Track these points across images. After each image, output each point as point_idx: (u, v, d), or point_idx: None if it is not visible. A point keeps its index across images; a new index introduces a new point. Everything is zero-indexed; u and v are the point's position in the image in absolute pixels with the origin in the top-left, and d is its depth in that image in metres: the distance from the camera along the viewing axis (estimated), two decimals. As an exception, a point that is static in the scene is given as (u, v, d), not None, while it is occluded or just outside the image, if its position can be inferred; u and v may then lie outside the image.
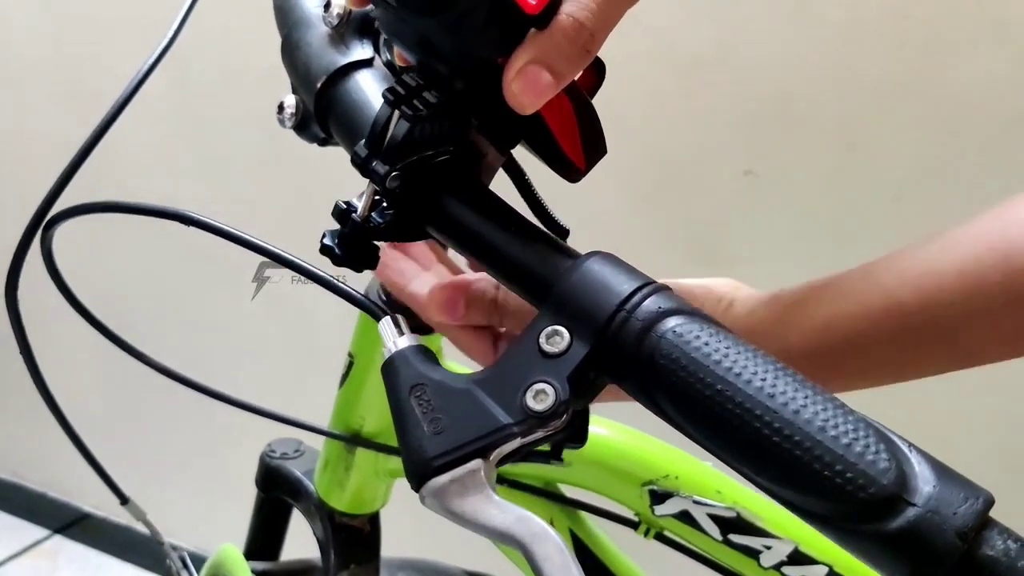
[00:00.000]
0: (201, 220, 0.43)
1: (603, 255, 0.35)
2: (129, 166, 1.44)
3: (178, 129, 1.45)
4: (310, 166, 1.30)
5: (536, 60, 0.35)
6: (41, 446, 1.79)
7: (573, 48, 0.35)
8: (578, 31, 0.35)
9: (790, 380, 0.31)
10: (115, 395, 1.72)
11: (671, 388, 0.32)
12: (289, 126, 0.49)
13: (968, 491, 0.29)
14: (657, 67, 1.09)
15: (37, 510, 1.93)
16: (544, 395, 0.33)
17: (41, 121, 1.59)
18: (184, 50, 0.47)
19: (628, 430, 0.69)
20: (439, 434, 0.33)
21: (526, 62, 0.35)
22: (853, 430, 0.30)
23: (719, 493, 0.65)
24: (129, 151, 1.45)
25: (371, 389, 0.69)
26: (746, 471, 0.32)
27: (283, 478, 0.80)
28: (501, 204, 0.39)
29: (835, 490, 0.29)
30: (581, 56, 0.36)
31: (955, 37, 0.96)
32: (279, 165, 1.38)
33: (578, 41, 0.35)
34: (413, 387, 0.35)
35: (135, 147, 1.46)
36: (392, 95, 0.38)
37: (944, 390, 1.08)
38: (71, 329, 0.83)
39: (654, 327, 0.32)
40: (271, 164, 1.39)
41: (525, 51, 0.35)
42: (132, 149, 1.46)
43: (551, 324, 0.34)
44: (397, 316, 0.37)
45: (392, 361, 0.36)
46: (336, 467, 0.73)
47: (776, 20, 1.02)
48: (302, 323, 1.47)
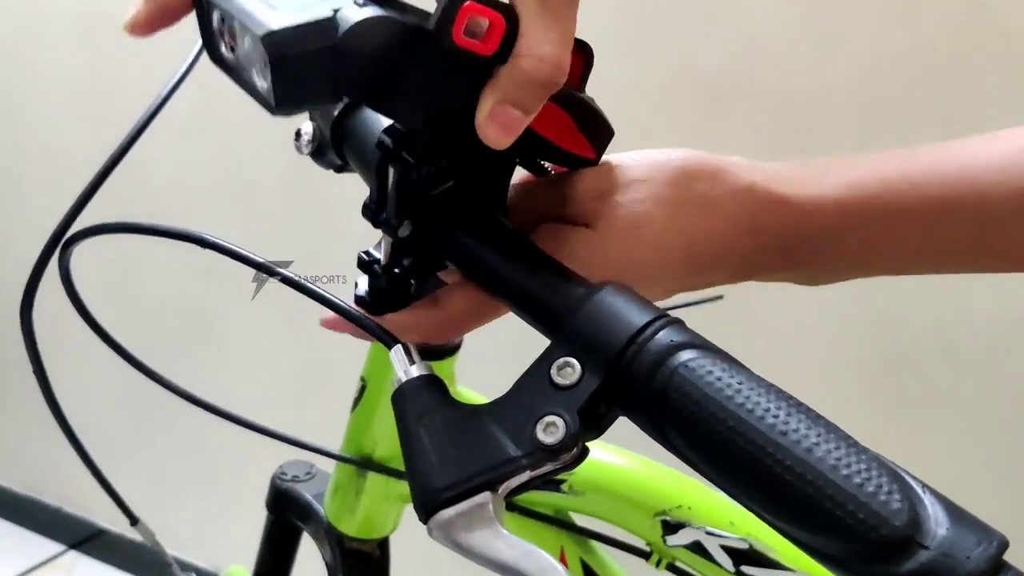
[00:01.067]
0: (217, 243, 0.43)
1: (616, 286, 0.35)
2: (150, 187, 1.45)
3: (200, 152, 1.47)
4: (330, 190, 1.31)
5: (503, 100, 0.35)
6: (57, 461, 1.79)
7: (537, 83, 0.35)
8: (537, 68, 0.35)
9: (803, 417, 0.31)
10: (129, 414, 1.72)
11: (682, 423, 0.31)
12: (306, 153, 0.50)
13: (981, 534, 0.28)
14: (681, 94, 1.09)
15: (52, 525, 1.94)
16: (554, 428, 0.32)
17: (70, 139, 1.61)
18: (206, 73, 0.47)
19: (641, 459, 0.68)
20: (448, 465, 0.33)
21: (493, 104, 0.35)
22: (866, 469, 0.29)
23: (732, 524, 0.65)
24: (150, 172, 1.47)
25: (383, 414, 0.68)
26: (756, 508, 0.31)
27: (293, 501, 0.80)
28: (512, 235, 0.40)
29: (846, 530, 0.29)
30: (548, 87, 0.36)
31: (980, 69, 0.96)
32: (299, 188, 1.39)
33: (540, 76, 0.35)
34: (422, 417, 0.35)
35: (156, 168, 1.47)
36: (381, 150, 0.38)
37: (957, 432, 1.07)
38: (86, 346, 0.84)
39: (666, 360, 0.32)
40: (291, 187, 1.40)
41: (491, 93, 0.35)
42: (153, 170, 1.47)
43: (563, 355, 0.34)
44: (408, 345, 0.37)
45: (402, 390, 0.36)
46: (347, 491, 0.73)
47: (802, 50, 1.02)
48: (316, 346, 1.47)
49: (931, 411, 1.09)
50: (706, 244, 0.43)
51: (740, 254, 0.43)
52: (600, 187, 0.42)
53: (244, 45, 0.34)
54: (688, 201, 0.42)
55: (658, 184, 0.42)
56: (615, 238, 0.41)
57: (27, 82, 1.64)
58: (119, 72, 1.50)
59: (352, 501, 0.73)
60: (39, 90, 1.63)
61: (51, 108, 1.63)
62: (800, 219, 0.43)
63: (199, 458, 1.70)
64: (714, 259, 0.43)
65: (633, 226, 0.42)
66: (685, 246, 0.42)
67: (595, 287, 0.35)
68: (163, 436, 1.71)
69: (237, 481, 1.58)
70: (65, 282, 0.52)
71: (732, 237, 0.43)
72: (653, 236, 0.42)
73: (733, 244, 0.43)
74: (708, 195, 0.42)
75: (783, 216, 0.43)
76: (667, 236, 0.42)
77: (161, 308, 1.63)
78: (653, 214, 0.42)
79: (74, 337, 0.80)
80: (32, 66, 1.62)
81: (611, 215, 0.42)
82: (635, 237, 0.42)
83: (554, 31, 0.35)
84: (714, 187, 0.43)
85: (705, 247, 0.43)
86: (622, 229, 0.41)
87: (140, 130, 0.50)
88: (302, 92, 0.33)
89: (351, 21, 0.33)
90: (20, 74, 1.65)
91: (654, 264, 0.42)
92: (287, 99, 0.33)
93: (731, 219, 0.42)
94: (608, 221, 0.42)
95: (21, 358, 0.54)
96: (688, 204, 0.42)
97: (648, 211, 0.42)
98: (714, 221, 0.42)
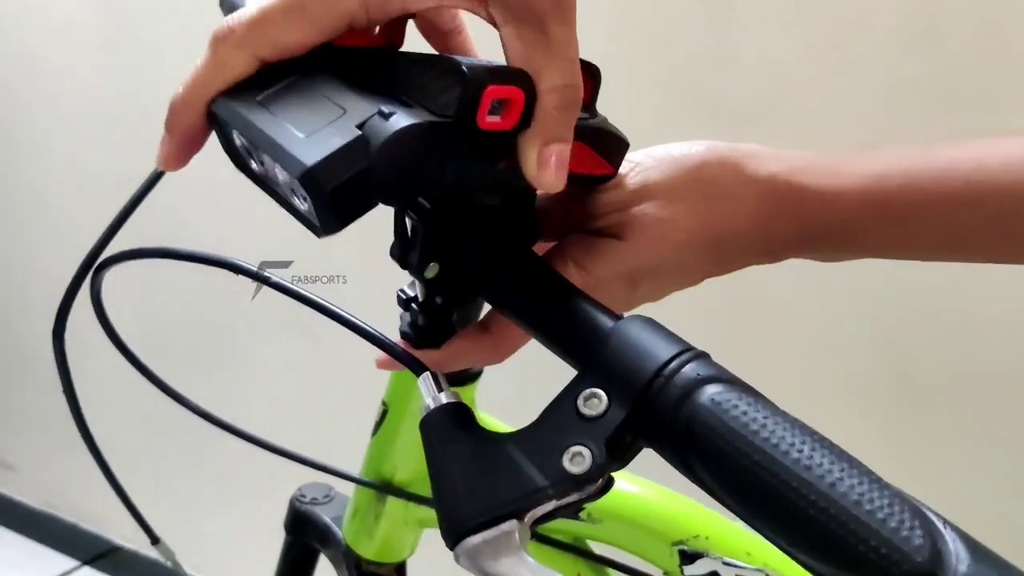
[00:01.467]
0: (251, 270, 0.44)
1: (643, 319, 0.35)
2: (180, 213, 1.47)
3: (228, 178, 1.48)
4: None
5: (545, 142, 0.36)
6: (74, 478, 1.81)
7: (565, 111, 0.36)
8: (561, 98, 0.36)
9: (827, 452, 0.31)
10: (151, 434, 1.73)
11: (707, 456, 0.32)
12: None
13: (1003, 571, 0.29)
14: (701, 121, 1.10)
15: (67, 541, 1.95)
16: (581, 458, 0.33)
17: (98, 163, 1.63)
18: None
19: (659, 488, 0.68)
20: (475, 493, 0.33)
21: (538, 150, 0.36)
22: (888, 504, 0.30)
23: (749, 555, 0.65)
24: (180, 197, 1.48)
25: (404, 438, 0.69)
26: (780, 541, 0.32)
27: (312, 523, 0.80)
28: (540, 267, 0.40)
29: (868, 566, 0.29)
30: (574, 110, 0.37)
31: (999, 95, 0.96)
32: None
33: (566, 103, 0.36)
34: (451, 445, 0.35)
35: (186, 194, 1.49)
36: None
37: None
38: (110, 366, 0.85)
39: (692, 394, 0.32)
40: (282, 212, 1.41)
41: (531, 142, 0.36)
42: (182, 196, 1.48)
43: (589, 387, 0.34)
44: (437, 372, 0.38)
45: (431, 418, 0.36)
46: (366, 515, 0.73)
47: (823, 76, 1.03)
48: (338, 369, 1.48)
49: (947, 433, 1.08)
50: (730, 238, 0.44)
51: (762, 243, 0.45)
52: (621, 199, 0.44)
53: (276, 171, 0.34)
54: (709, 198, 0.44)
55: (678, 186, 0.44)
56: (642, 246, 0.43)
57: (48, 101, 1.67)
58: (144, 92, 1.52)
59: (371, 525, 0.73)
60: (61, 110, 1.65)
61: (75, 127, 1.65)
62: (821, 209, 0.44)
63: (218, 478, 1.70)
64: (737, 250, 0.45)
65: (659, 233, 0.43)
66: (709, 242, 0.44)
67: (622, 318, 0.36)
68: (182, 456, 1.72)
69: (255, 502, 1.58)
70: (96, 306, 0.53)
71: (754, 228, 0.44)
72: (678, 238, 0.43)
73: (755, 235, 0.44)
74: (729, 191, 0.44)
75: (804, 207, 0.44)
76: (692, 236, 0.44)
77: (180, 328, 1.64)
78: (677, 219, 0.43)
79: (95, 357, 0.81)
80: (57, 85, 1.64)
81: (636, 224, 0.43)
82: (661, 242, 0.43)
83: (561, 57, 0.36)
84: (735, 182, 0.44)
85: (729, 240, 0.44)
86: (648, 237, 0.43)
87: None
88: (345, 214, 0.34)
89: (381, 138, 0.33)
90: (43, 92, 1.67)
91: (680, 263, 0.44)
92: (332, 224, 0.34)
93: (752, 212, 0.44)
94: (633, 231, 0.43)
95: (40, 376, 0.55)
96: (710, 201, 0.44)
97: (671, 217, 0.43)
98: (736, 215, 0.44)
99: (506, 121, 0.36)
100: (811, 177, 0.44)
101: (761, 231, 0.44)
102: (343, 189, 0.33)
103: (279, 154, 0.33)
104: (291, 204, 0.36)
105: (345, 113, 0.34)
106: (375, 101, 0.34)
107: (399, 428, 0.69)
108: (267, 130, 0.34)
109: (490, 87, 0.34)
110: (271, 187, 0.37)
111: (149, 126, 1.46)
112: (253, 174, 0.37)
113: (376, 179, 0.33)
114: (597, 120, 0.43)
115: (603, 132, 0.43)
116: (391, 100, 0.35)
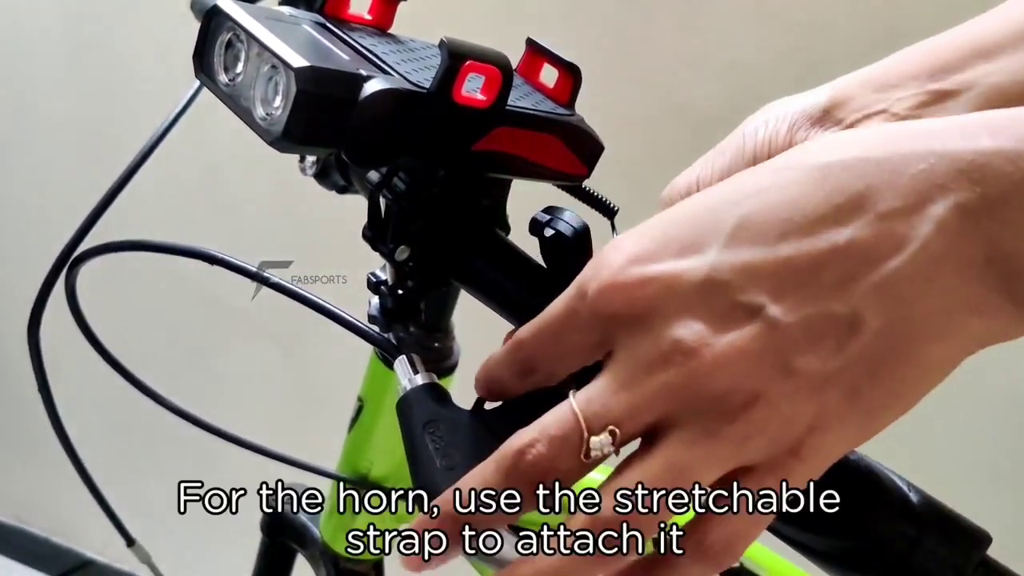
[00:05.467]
0: (224, 259, 0.44)
1: None
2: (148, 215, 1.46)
3: (196, 179, 1.48)
4: (326, 214, 1.32)
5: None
6: (45, 491, 1.79)
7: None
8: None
9: None
10: (121, 438, 1.72)
11: None
12: (310, 174, 0.51)
13: (967, 530, 0.30)
14: (668, 126, 1.11)
15: (39, 555, 1.92)
16: None
17: (65, 173, 1.62)
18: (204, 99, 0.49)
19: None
20: (452, 470, 0.34)
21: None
22: None
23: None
24: (148, 200, 1.47)
25: (380, 433, 0.69)
26: None
27: (288, 524, 0.80)
28: (510, 249, 0.41)
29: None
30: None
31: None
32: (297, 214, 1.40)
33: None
34: (427, 424, 0.36)
35: (154, 196, 1.48)
36: (370, 183, 0.40)
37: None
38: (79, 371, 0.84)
39: None
40: (288, 214, 1.41)
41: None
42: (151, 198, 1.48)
43: None
44: (412, 355, 0.39)
45: (407, 398, 0.37)
46: (343, 513, 0.73)
47: (790, 81, 1.04)
48: (312, 366, 1.47)
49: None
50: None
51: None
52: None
53: (256, 72, 0.35)
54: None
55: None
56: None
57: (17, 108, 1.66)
58: (111, 98, 1.51)
59: (348, 522, 0.73)
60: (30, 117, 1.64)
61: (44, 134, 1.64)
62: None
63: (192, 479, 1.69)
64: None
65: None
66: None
67: None
68: (155, 458, 1.71)
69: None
70: (71, 302, 0.53)
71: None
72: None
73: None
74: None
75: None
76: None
77: (152, 331, 1.63)
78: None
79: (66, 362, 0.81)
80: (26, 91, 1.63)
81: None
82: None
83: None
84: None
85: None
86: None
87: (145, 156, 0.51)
88: (310, 131, 0.34)
89: (376, 88, 0.34)
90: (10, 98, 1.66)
91: None
92: (294, 133, 0.34)
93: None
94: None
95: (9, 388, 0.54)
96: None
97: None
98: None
99: (482, 98, 0.36)
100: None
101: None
102: (322, 104, 0.33)
103: (281, 51, 0.33)
104: (248, 110, 0.36)
105: (348, 60, 0.35)
106: (357, 63, 0.36)
107: (375, 423, 0.69)
108: (274, 33, 0.34)
109: (469, 61, 0.35)
110: (230, 96, 0.37)
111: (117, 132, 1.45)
112: (213, 81, 0.38)
113: (351, 121, 0.34)
114: (575, 118, 0.44)
115: (579, 131, 0.43)
116: (372, 66, 0.36)
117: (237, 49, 0.36)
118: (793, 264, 0.28)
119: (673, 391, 0.29)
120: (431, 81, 0.35)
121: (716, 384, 0.28)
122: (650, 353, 0.29)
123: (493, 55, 0.36)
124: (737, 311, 0.28)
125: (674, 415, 0.29)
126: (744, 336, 0.28)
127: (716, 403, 0.28)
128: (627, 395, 0.29)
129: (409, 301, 0.43)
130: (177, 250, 0.47)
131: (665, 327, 0.29)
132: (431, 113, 0.36)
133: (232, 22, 0.36)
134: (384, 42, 0.39)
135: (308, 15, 0.39)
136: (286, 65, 0.33)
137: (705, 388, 0.28)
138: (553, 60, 0.44)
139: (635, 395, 0.29)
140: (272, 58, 0.34)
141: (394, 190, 0.40)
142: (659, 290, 0.29)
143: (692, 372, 0.28)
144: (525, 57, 0.45)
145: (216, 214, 1.48)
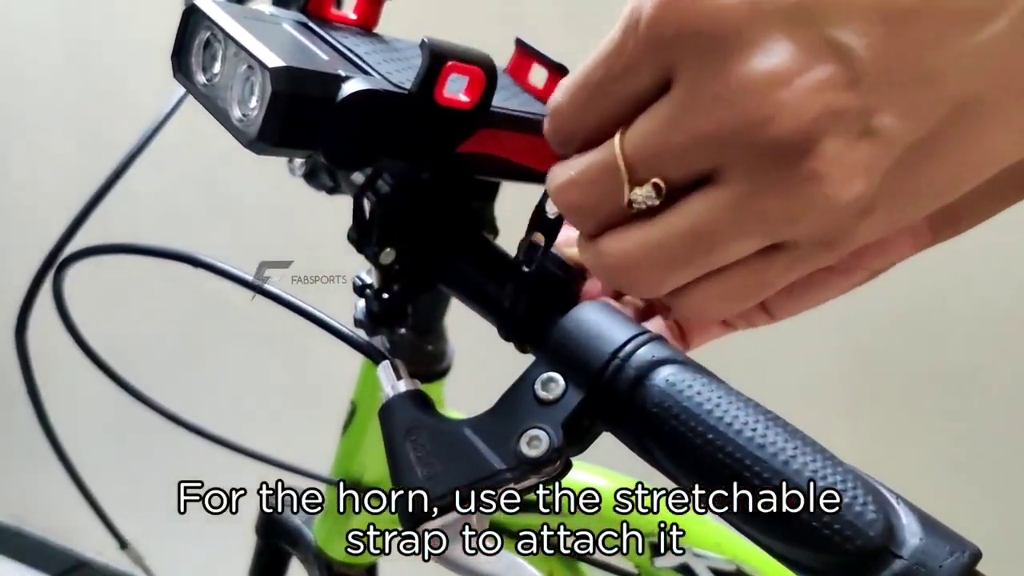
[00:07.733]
0: (209, 263, 0.44)
1: (598, 303, 0.36)
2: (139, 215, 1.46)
3: (196, 179, 1.48)
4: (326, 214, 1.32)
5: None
6: (42, 491, 1.79)
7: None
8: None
9: (780, 431, 0.31)
10: (114, 440, 1.72)
11: (663, 436, 0.32)
12: (299, 175, 0.51)
13: (954, 544, 0.29)
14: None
15: (36, 556, 1.92)
16: (538, 441, 0.33)
17: (56, 171, 1.62)
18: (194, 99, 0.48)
19: (629, 480, 0.68)
20: (433, 479, 0.33)
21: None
22: (842, 481, 0.30)
23: (718, 545, 0.65)
24: (139, 200, 1.47)
25: (373, 437, 0.69)
26: (735, 521, 0.32)
27: (282, 526, 0.80)
28: (495, 252, 0.40)
29: (823, 541, 0.29)
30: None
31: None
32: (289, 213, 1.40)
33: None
34: (409, 431, 0.35)
35: (145, 196, 1.48)
36: (354, 185, 0.40)
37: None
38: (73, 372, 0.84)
39: (647, 375, 0.33)
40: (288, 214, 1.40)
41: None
42: (142, 198, 1.48)
43: (546, 371, 0.34)
44: (396, 361, 0.38)
45: (389, 405, 0.37)
46: (336, 516, 0.73)
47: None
48: (305, 370, 1.47)
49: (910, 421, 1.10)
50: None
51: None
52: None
53: (233, 73, 0.35)
54: None
55: None
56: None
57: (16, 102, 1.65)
58: (105, 94, 1.51)
59: (342, 525, 0.73)
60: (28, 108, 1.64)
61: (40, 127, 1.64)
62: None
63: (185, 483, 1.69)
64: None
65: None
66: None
67: (578, 304, 0.36)
68: (149, 461, 1.71)
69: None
70: (59, 304, 0.52)
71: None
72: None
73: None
74: None
75: None
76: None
77: (144, 334, 1.63)
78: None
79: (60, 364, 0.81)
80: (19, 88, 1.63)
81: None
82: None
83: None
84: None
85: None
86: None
87: (132, 158, 0.51)
88: (286, 133, 0.33)
89: (355, 88, 0.33)
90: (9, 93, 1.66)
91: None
92: (270, 135, 0.33)
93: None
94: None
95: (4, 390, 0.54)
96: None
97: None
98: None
99: (465, 99, 0.36)
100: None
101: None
102: (300, 105, 0.33)
103: (257, 51, 0.33)
104: (224, 111, 0.35)
105: (327, 61, 0.35)
106: (336, 63, 0.35)
107: (368, 427, 0.69)
108: (251, 32, 0.34)
109: (451, 62, 0.34)
110: (206, 96, 0.36)
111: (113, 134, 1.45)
112: (191, 80, 0.37)
113: (330, 123, 0.33)
114: None
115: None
116: (352, 66, 0.35)
117: (215, 49, 0.36)
118: (892, 6, 0.24)
119: (736, 133, 0.25)
120: (411, 79, 0.35)
121: (783, 129, 0.25)
122: (716, 81, 0.25)
123: (476, 55, 0.35)
124: (824, 48, 0.25)
125: (727, 166, 0.26)
126: (826, 79, 0.24)
127: (779, 155, 0.25)
128: (680, 135, 0.26)
129: (395, 304, 0.43)
130: (164, 253, 0.46)
131: (740, 51, 0.25)
132: (412, 114, 0.35)
133: (210, 21, 0.35)
134: (367, 42, 0.39)
135: (290, 14, 0.38)
136: (261, 65, 0.32)
137: (769, 134, 0.25)
138: (542, 60, 0.43)
139: (689, 134, 0.26)
140: (248, 58, 0.33)
141: (378, 192, 0.40)
142: (740, 3, 0.25)
143: (760, 109, 0.25)
144: (514, 58, 0.45)
145: (216, 214, 1.48)
